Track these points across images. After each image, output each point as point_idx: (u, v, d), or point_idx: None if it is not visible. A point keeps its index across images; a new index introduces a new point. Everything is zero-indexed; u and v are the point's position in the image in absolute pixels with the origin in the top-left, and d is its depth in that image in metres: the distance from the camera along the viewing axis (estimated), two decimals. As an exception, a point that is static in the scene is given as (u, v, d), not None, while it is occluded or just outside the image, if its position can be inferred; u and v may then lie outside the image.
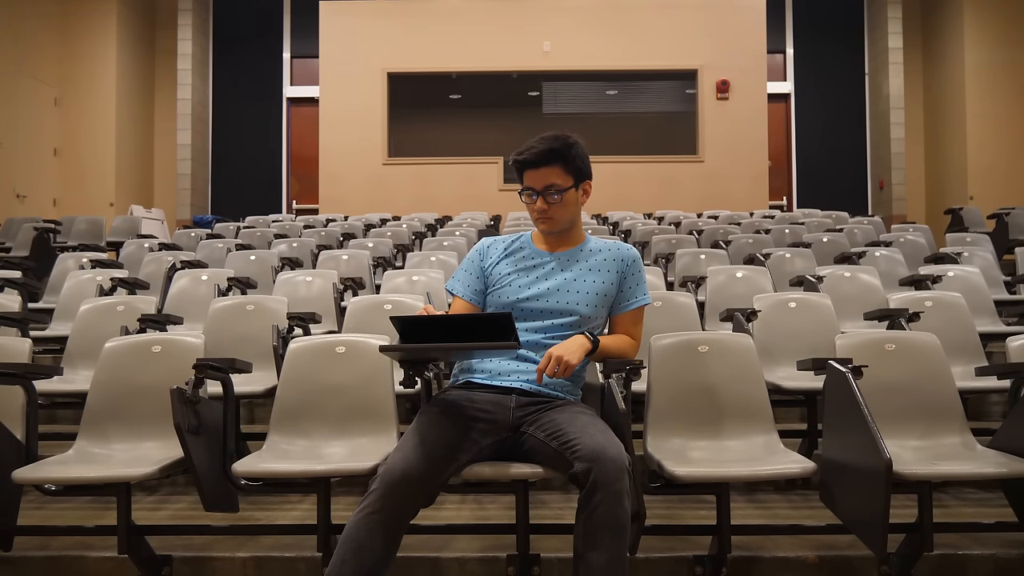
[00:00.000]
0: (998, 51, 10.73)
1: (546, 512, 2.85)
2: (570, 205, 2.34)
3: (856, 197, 12.06)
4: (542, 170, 2.29)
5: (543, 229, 2.39)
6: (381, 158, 10.85)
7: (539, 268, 2.38)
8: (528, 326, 2.31)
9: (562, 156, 2.29)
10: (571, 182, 2.32)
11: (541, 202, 2.31)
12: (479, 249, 2.47)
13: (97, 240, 7.92)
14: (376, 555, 1.95)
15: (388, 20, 10.97)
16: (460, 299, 2.42)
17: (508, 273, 2.38)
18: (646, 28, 10.86)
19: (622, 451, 1.99)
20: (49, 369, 2.87)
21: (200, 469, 2.39)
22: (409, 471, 1.98)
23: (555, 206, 2.31)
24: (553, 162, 2.29)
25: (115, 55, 11.20)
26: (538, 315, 2.32)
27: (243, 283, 4.67)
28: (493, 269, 2.41)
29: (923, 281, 4.59)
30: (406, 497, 1.98)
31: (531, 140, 2.33)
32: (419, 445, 2.05)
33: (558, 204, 2.31)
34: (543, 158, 2.28)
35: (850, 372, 2.37)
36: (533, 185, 2.32)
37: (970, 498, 3.13)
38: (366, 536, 1.95)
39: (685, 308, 3.71)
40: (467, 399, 2.23)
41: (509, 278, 2.38)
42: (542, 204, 2.31)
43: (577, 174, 2.33)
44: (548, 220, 2.34)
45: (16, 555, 2.60)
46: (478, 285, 2.42)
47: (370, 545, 1.94)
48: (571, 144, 2.32)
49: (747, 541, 2.64)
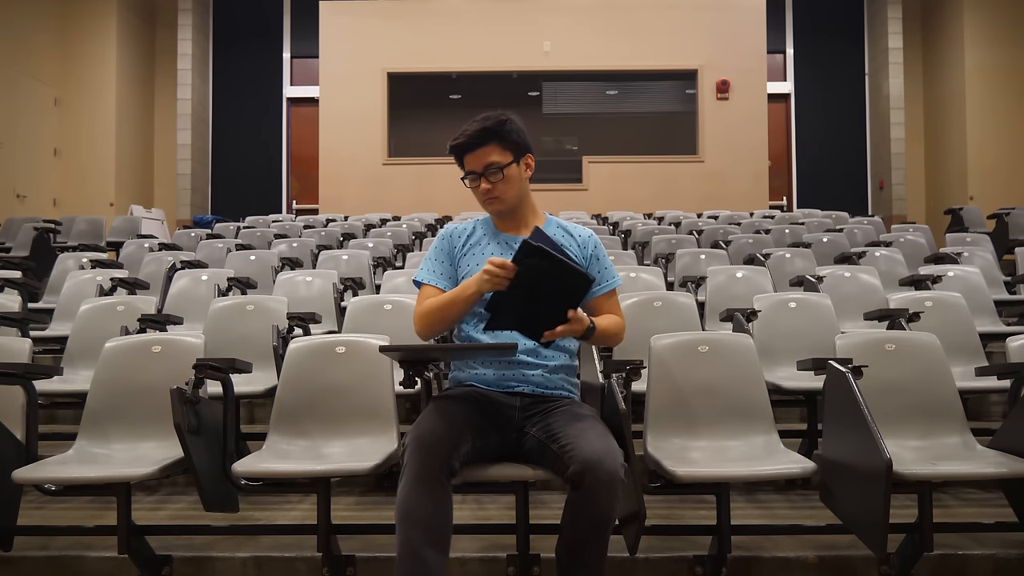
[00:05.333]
0: (998, 51, 10.73)
1: (546, 512, 2.85)
2: (514, 180, 2.30)
3: (856, 197, 12.06)
4: (479, 151, 2.27)
5: (492, 210, 2.35)
6: (381, 158, 10.85)
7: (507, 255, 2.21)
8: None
9: (497, 133, 2.26)
10: (510, 157, 2.29)
11: (484, 183, 2.28)
12: (445, 237, 2.41)
13: (97, 240, 7.92)
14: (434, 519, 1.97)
15: (388, 20, 10.97)
16: (431, 289, 2.32)
17: (478, 265, 2.27)
18: (646, 28, 10.86)
19: (618, 458, 1.98)
20: (49, 369, 2.88)
21: (200, 469, 2.39)
22: (437, 430, 2.03)
23: (499, 183, 2.28)
24: (488, 140, 2.26)
25: (115, 55, 11.20)
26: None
27: (243, 283, 4.67)
28: (460, 260, 2.36)
29: (923, 281, 4.59)
30: (438, 455, 1.99)
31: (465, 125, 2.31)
32: (441, 418, 2.09)
33: (502, 181, 2.28)
34: (478, 138, 2.26)
35: (850, 372, 2.37)
36: (474, 168, 2.29)
37: (970, 498, 3.13)
38: (414, 503, 1.96)
39: (685, 308, 3.71)
40: (474, 397, 2.23)
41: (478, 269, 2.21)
42: (486, 184, 2.28)
43: (515, 149, 2.29)
44: (495, 200, 2.30)
45: (16, 555, 2.60)
46: (448, 272, 2.36)
47: (420, 510, 1.96)
48: (504, 120, 2.29)
49: (747, 541, 2.64)
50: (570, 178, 10.78)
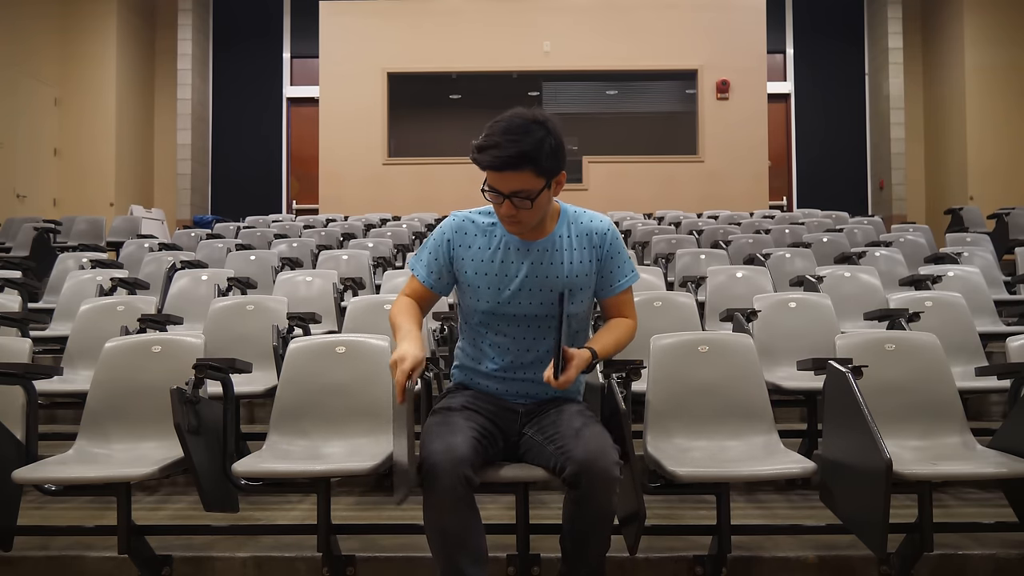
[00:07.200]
0: (998, 51, 10.73)
1: (546, 512, 2.85)
2: (541, 206, 2.05)
3: (856, 197, 12.06)
4: (508, 174, 1.97)
5: (512, 232, 2.12)
6: (381, 158, 10.85)
7: (514, 264, 2.14)
8: (512, 331, 2.17)
9: (532, 159, 1.95)
10: (542, 183, 2.00)
11: (508, 207, 2.02)
12: (446, 232, 2.18)
13: (97, 240, 7.92)
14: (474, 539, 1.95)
15: (388, 20, 10.97)
16: (420, 284, 2.20)
17: (484, 273, 2.14)
18: (646, 28, 10.86)
19: (612, 455, 1.97)
20: (49, 369, 2.88)
21: (200, 469, 2.39)
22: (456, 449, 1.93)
23: (524, 210, 2.02)
24: (522, 166, 1.95)
25: (115, 55, 11.19)
26: (520, 321, 2.15)
27: (243, 283, 4.67)
28: (463, 261, 2.16)
29: (923, 281, 4.59)
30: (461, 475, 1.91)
31: (494, 129, 1.97)
32: (453, 433, 1.99)
33: (528, 209, 2.02)
34: (511, 165, 1.95)
35: (850, 372, 2.37)
36: (499, 188, 2.00)
37: (970, 498, 3.13)
38: (448, 521, 1.92)
39: (685, 308, 3.71)
40: (477, 407, 2.16)
41: (483, 279, 2.15)
42: (509, 209, 2.02)
43: (549, 173, 2.01)
44: (516, 224, 2.07)
45: (16, 555, 2.60)
46: (443, 272, 2.18)
47: (458, 529, 1.93)
48: (541, 139, 1.96)
49: (747, 541, 2.64)
50: (570, 178, 10.64)
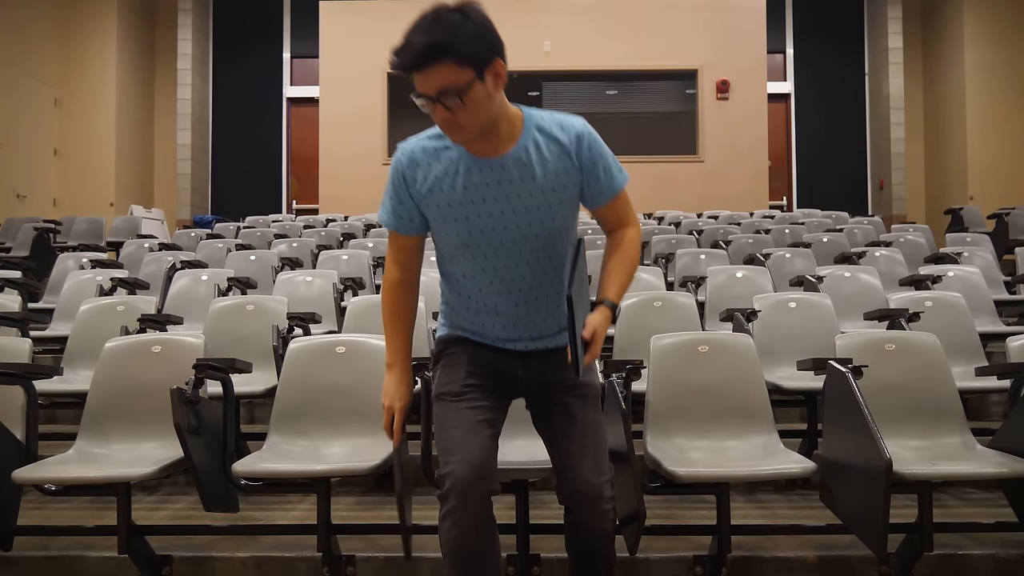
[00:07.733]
0: (998, 51, 10.73)
1: (546, 512, 2.85)
2: (479, 103, 1.74)
3: (856, 197, 12.07)
4: (427, 72, 1.71)
5: (458, 140, 1.82)
6: (381, 158, 10.85)
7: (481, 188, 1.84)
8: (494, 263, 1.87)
9: (447, 48, 1.68)
10: (470, 75, 1.71)
11: (441, 111, 1.74)
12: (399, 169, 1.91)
13: (97, 240, 7.93)
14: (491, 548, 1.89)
15: (388, 20, 10.94)
16: (397, 234, 1.95)
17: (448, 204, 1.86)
18: (646, 28, 10.86)
19: (605, 484, 1.89)
20: (49, 369, 2.88)
21: (200, 469, 2.39)
22: (475, 460, 1.80)
23: (460, 111, 1.73)
24: (438, 59, 1.69)
25: (115, 55, 11.20)
26: (499, 249, 1.86)
27: (243, 283, 4.67)
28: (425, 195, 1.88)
29: (923, 281, 4.59)
30: (483, 493, 1.82)
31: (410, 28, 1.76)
32: (467, 433, 1.84)
33: (463, 108, 1.73)
34: (424, 59, 1.70)
35: (850, 372, 2.37)
36: (425, 90, 1.74)
37: (970, 498, 3.13)
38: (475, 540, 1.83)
39: (685, 308, 3.71)
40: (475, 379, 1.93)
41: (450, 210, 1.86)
42: (444, 113, 1.74)
43: (476, 60, 1.71)
44: (457, 129, 1.77)
45: (16, 555, 2.60)
46: (412, 213, 1.91)
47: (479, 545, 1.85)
48: (456, 25, 1.70)
49: (747, 541, 2.64)
50: (570, 178, 10.77)
